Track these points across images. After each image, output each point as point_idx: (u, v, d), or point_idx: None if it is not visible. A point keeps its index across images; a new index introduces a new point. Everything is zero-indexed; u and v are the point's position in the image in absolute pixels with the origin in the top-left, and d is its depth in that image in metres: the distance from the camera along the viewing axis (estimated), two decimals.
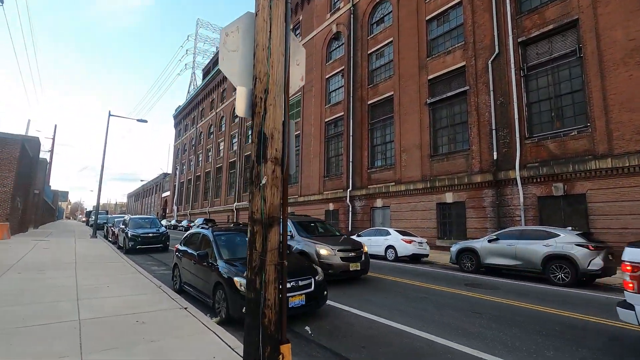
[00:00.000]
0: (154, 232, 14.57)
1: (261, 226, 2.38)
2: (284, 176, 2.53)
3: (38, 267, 9.30)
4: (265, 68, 2.46)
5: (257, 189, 2.41)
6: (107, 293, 6.46)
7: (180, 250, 7.08)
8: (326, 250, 8.44)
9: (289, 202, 31.00)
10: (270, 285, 2.36)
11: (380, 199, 21.93)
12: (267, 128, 2.43)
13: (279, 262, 2.43)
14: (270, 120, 2.44)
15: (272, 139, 2.44)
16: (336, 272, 8.22)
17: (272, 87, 2.47)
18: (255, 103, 2.49)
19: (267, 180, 2.40)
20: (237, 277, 4.82)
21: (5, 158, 18.73)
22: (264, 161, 2.41)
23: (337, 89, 27.46)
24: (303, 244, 8.86)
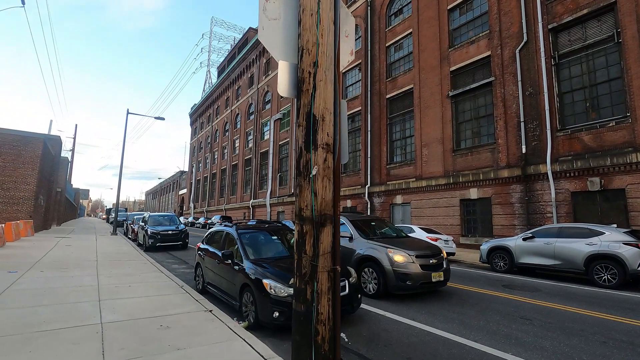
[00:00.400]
0: (173, 230, 14.46)
1: (312, 225, 1.99)
2: (336, 166, 2.12)
3: (60, 265, 9.22)
4: (314, 37, 2.06)
5: (306, 181, 2.02)
6: (128, 293, 6.23)
7: (203, 249, 6.79)
8: (402, 256, 6.78)
9: None
10: (323, 296, 1.97)
11: (400, 195, 21.34)
12: (318, 108, 2.03)
13: (332, 269, 2.04)
14: (321, 99, 2.04)
15: (323, 121, 2.04)
16: (415, 284, 6.62)
17: (322, 60, 2.06)
18: (302, 79, 2.09)
19: (318, 170, 2.00)
20: (267, 280, 4.46)
21: (28, 156, 19.01)
22: (314, 148, 2.01)
23: (354, 83, 26.89)
24: (368, 248, 7.24)
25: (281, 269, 4.71)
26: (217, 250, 6.16)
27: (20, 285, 6.57)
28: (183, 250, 14.41)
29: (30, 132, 19.40)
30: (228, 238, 6.04)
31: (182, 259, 12.12)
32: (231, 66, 51.89)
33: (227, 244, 5.97)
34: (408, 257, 6.82)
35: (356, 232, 7.80)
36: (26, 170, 18.92)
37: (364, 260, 7.21)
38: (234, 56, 53.61)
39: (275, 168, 36.48)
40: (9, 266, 8.64)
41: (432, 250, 7.38)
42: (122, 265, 9.54)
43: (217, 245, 6.33)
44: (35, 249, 12.59)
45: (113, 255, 11.71)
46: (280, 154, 36.34)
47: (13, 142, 18.62)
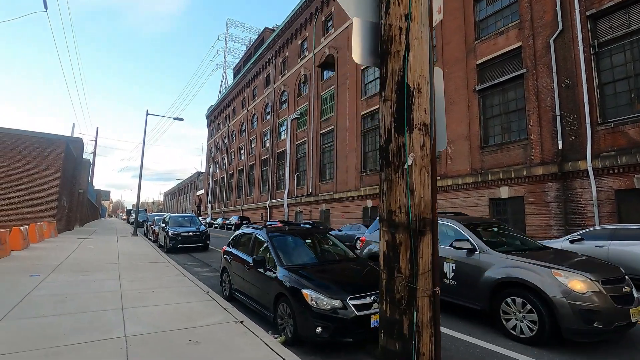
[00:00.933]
0: (194, 231, 14.19)
1: (407, 234, 1.47)
2: (433, 154, 1.59)
3: (82, 267, 9.00)
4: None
5: (399, 174, 1.50)
6: (153, 300, 5.85)
7: (229, 253, 6.35)
8: (581, 281, 4.40)
9: (324, 198, 30.28)
10: (425, 330, 1.45)
11: None
12: (412, 76, 1.51)
13: (432, 292, 1.51)
14: (416, 63, 1.52)
15: (419, 93, 1.52)
16: (607, 327, 4.21)
17: (417, 12, 1.54)
18: (390, 38, 1.57)
19: (415, 159, 1.47)
20: (307, 290, 3.96)
21: (51, 158, 19.18)
22: (409, 129, 1.49)
23: (373, 80, 26.21)
24: (510, 267, 4.91)
25: (322, 278, 4.21)
26: (245, 255, 5.70)
27: (42, 290, 6.29)
28: (204, 252, 14.13)
29: (53, 134, 19.60)
30: (257, 242, 5.58)
31: (204, 261, 11.80)
32: (247, 67, 51.90)
33: (257, 248, 5.51)
34: (590, 283, 4.36)
35: (481, 243, 5.45)
36: (49, 171, 19.09)
37: (505, 286, 4.86)
38: (250, 57, 53.63)
39: (292, 168, 36.11)
40: (32, 269, 8.46)
41: (618, 273, 4.86)
42: (144, 268, 9.25)
43: (245, 249, 5.88)
44: (58, 250, 12.51)
45: (135, 257, 11.48)
46: (298, 153, 35.95)
47: (36, 144, 18.82)
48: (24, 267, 8.69)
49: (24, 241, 12.17)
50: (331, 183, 29.61)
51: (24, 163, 18.45)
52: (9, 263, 9.17)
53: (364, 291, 4.02)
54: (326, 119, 31.32)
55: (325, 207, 29.90)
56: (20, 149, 18.35)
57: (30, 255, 10.93)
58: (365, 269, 4.81)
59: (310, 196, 32.17)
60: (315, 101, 33.25)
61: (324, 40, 32.83)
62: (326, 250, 5.50)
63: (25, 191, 18.43)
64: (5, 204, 17.91)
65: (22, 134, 18.70)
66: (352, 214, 26.34)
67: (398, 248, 1.49)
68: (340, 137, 28.84)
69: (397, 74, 1.54)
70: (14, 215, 18.02)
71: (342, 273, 4.59)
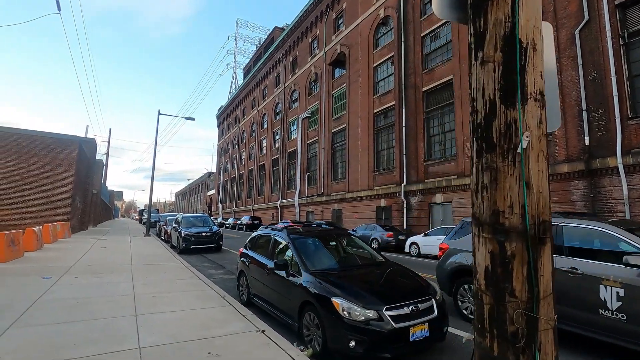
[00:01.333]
0: (207, 232, 13.94)
1: (523, 243, 1.06)
2: None
3: (95, 269, 8.78)
4: None
5: (508, 161, 1.10)
6: (167, 305, 5.53)
7: (247, 256, 5.99)
8: None
9: (336, 198, 29.89)
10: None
11: (440, 193, 19.98)
12: (525, 27, 1.11)
13: (555, 322, 1.09)
14: (530, 9, 1.12)
15: (533, 50, 1.11)
16: None
17: None
18: None
19: (531, 140, 1.07)
20: (338, 299, 3.57)
21: (65, 159, 19.21)
22: (522, 100, 1.08)
23: (386, 77, 25.69)
24: None
25: (352, 285, 3.82)
26: (265, 258, 5.34)
27: (53, 294, 6.04)
28: (217, 253, 13.86)
29: (67, 135, 19.63)
30: (278, 244, 5.21)
31: (217, 262, 11.51)
32: (257, 66, 51.79)
33: (277, 251, 5.14)
34: None
35: None
36: (63, 172, 19.12)
37: None
38: (260, 56, 53.51)
39: (303, 167, 35.78)
40: (44, 271, 8.26)
41: None
42: (157, 270, 8.98)
43: (264, 252, 5.52)
44: (71, 251, 12.39)
45: (147, 259, 11.26)
46: (309, 153, 35.59)
47: (50, 144, 18.86)
48: (36, 269, 8.50)
49: (38, 242, 12.07)
50: (343, 182, 29.18)
51: (38, 164, 18.50)
52: (22, 265, 9.01)
53: (400, 300, 3.61)
54: (338, 118, 30.90)
55: (337, 207, 29.48)
56: (34, 150, 18.41)
57: (43, 256, 10.80)
58: (398, 274, 4.39)
59: (321, 196, 31.79)
60: (326, 100, 32.85)
61: (335, 38, 32.40)
62: (352, 254, 5.09)
63: (40, 192, 18.48)
64: (20, 205, 17.97)
65: (36, 134, 18.76)
66: (365, 214, 25.87)
67: (509, 262, 1.09)
68: (352, 135, 28.38)
69: (504, 25, 1.14)
70: (29, 216, 18.07)
71: (373, 279, 4.18)
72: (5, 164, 17.83)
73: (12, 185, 17.89)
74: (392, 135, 24.56)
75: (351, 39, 29.86)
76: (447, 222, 19.48)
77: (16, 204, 17.90)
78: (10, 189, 17.86)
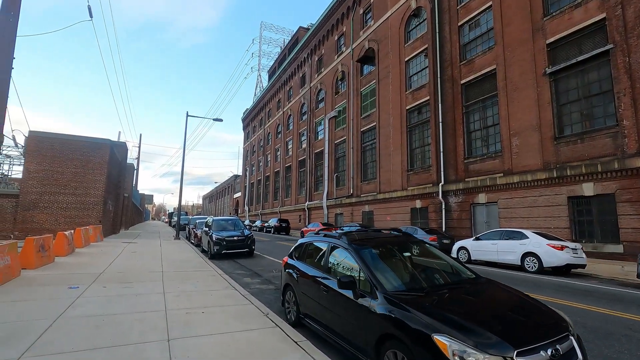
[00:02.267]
0: (239, 236, 13.22)
1: None
2: None
3: (125, 277, 8.18)
4: None
5: None
6: (203, 326, 4.71)
7: (294, 268, 5.06)
8: None
9: (366, 199, 28.73)
10: None
11: (484, 193, 18.45)
12: None
13: None
14: None
15: None
16: None
17: None
18: None
19: None
20: (442, 337, 2.54)
21: (97, 162, 19.21)
22: None
23: (419, 72, 24.35)
24: None
25: (456, 314, 2.79)
26: (318, 271, 4.38)
27: (77, 309, 5.37)
28: (250, 258, 13.11)
29: (98, 138, 19.66)
30: (335, 255, 4.26)
31: (252, 269, 10.72)
32: (282, 68, 51.46)
33: (336, 263, 4.18)
34: None
35: None
36: (95, 175, 19.13)
37: None
38: (284, 58, 53.18)
39: (331, 168, 34.85)
40: (72, 279, 7.73)
41: None
42: (189, 278, 8.28)
43: (317, 264, 4.57)
44: (102, 256, 12.00)
45: (178, 264, 10.65)
46: (336, 153, 34.63)
47: (82, 148, 18.91)
48: (64, 277, 8.00)
49: (69, 246, 11.77)
50: (374, 183, 27.99)
51: (71, 167, 18.57)
52: (50, 271, 8.56)
53: (532, 340, 2.54)
54: (367, 116, 29.77)
55: (368, 209, 28.31)
56: (67, 154, 18.50)
57: (73, 262, 10.40)
58: (508, 297, 3.31)
59: (351, 197, 30.72)
60: (354, 98, 31.81)
61: (362, 34, 31.34)
62: (433, 267, 4.03)
63: (73, 195, 18.54)
64: (55, 209, 18.07)
65: (69, 138, 18.87)
66: (399, 216, 24.58)
67: None
68: (383, 134, 27.17)
69: None
70: (63, 220, 18.14)
71: (480, 306, 3.12)
72: (41, 168, 17.99)
73: (47, 189, 18.02)
74: (427, 132, 23.19)
75: (380, 34, 28.70)
76: (492, 224, 17.95)
77: (51, 208, 18.01)
78: (45, 192, 17.99)
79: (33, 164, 17.88)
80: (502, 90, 18.00)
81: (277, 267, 10.94)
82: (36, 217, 17.61)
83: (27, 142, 18.12)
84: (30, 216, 17.52)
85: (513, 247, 11.00)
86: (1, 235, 16.90)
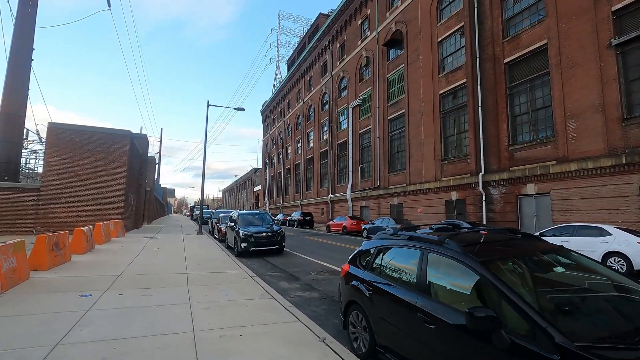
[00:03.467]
0: (267, 231, 12.06)
1: None
2: None
3: (145, 280, 7.13)
4: None
5: None
6: (245, 357, 3.49)
7: (363, 281, 3.72)
8: None
9: (395, 191, 27.18)
10: None
11: (533, 183, 16.62)
12: None
13: None
14: None
15: None
16: None
17: None
18: None
19: None
20: None
21: (117, 154, 18.50)
22: None
23: (454, 52, 22.43)
24: None
25: None
26: (410, 292, 3.03)
27: (84, 329, 4.27)
28: (281, 257, 11.93)
29: (118, 129, 18.93)
30: (437, 267, 2.93)
31: (285, 270, 9.51)
32: (301, 57, 49.99)
33: (440, 281, 2.85)
34: None
35: None
36: (115, 168, 18.43)
37: None
38: (304, 46, 51.67)
39: (355, 159, 33.36)
40: (87, 283, 6.74)
41: None
42: (218, 282, 7.15)
43: (401, 279, 3.26)
44: (123, 253, 11.11)
45: (204, 264, 9.60)
46: (361, 143, 33.06)
47: (102, 140, 18.22)
48: (78, 280, 7.02)
49: (87, 243, 10.93)
50: (403, 174, 26.36)
51: (92, 160, 17.92)
52: (64, 273, 7.62)
53: None
54: (394, 103, 28.03)
55: (397, 201, 26.75)
56: (87, 145, 17.84)
57: (91, 260, 9.51)
58: None
59: (378, 189, 29.20)
60: (380, 84, 30.08)
61: (389, 16, 29.45)
62: (609, 291, 2.61)
63: (94, 189, 17.91)
64: (76, 203, 17.49)
65: (88, 130, 18.21)
66: (432, 209, 22.94)
67: None
68: (413, 121, 25.42)
69: None
70: (84, 214, 17.55)
71: None
72: (61, 161, 17.40)
73: (68, 183, 17.44)
74: (463, 117, 21.35)
75: (409, 15, 26.78)
76: (542, 218, 16.16)
77: (72, 202, 17.44)
78: (66, 186, 17.42)
79: (53, 156, 17.30)
80: (555, 68, 16.01)
81: (315, 268, 9.70)
82: (57, 211, 17.07)
83: (47, 134, 17.55)
84: (52, 210, 16.99)
85: (591, 245, 9.34)
86: (23, 230, 16.46)
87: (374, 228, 21.64)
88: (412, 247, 3.30)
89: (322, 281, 7.80)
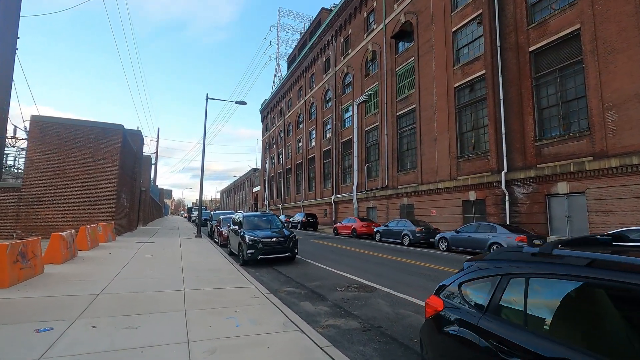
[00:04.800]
0: (277, 237, 10.40)
1: None
2: None
3: (130, 304, 5.55)
4: None
5: None
6: None
7: (486, 333, 2.14)
8: None
9: (405, 191, 25.68)
10: None
11: (565, 182, 15.14)
12: None
13: None
14: None
15: None
16: None
17: None
18: None
19: None
20: None
21: (108, 151, 16.87)
22: None
23: (471, 42, 20.96)
24: None
25: None
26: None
27: None
28: (293, 266, 10.31)
29: (109, 123, 17.30)
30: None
31: (303, 284, 7.88)
32: (303, 54, 48.45)
33: None
34: None
35: None
36: (106, 166, 16.80)
37: None
38: (305, 43, 50.15)
39: (361, 158, 31.82)
40: (53, 307, 5.15)
41: None
42: (224, 304, 5.59)
43: (576, 336, 1.75)
44: (108, 263, 9.51)
45: (204, 275, 8.02)
46: (367, 141, 31.54)
47: (91, 135, 16.59)
48: (43, 302, 5.44)
49: (67, 251, 9.31)
50: (414, 173, 24.85)
51: (80, 157, 16.29)
52: (28, 292, 6.02)
53: None
54: (404, 98, 26.54)
55: (408, 202, 25.23)
56: (74, 141, 16.20)
57: (68, 273, 7.90)
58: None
59: (385, 189, 27.68)
60: (388, 79, 28.59)
61: (397, 7, 27.98)
62: None
63: (82, 188, 16.27)
64: (61, 203, 15.84)
65: (76, 123, 16.56)
66: (447, 210, 21.44)
67: None
68: (425, 117, 23.94)
69: None
70: (71, 216, 15.91)
71: None
72: (45, 157, 15.75)
73: (52, 182, 15.79)
74: (482, 112, 19.88)
75: (419, 4, 25.32)
76: (576, 219, 14.69)
77: (57, 203, 15.79)
78: (51, 185, 15.77)
79: (36, 152, 15.65)
80: (589, 55, 14.57)
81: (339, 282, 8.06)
82: (41, 213, 15.42)
83: (30, 128, 15.91)
84: (35, 212, 15.34)
85: None
86: (2, 234, 14.79)
87: (388, 231, 20.11)
88: (576, 278, 1.70)
89: (354, 301, 6.21)
